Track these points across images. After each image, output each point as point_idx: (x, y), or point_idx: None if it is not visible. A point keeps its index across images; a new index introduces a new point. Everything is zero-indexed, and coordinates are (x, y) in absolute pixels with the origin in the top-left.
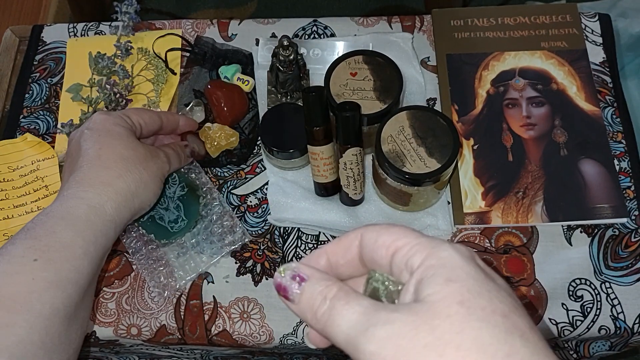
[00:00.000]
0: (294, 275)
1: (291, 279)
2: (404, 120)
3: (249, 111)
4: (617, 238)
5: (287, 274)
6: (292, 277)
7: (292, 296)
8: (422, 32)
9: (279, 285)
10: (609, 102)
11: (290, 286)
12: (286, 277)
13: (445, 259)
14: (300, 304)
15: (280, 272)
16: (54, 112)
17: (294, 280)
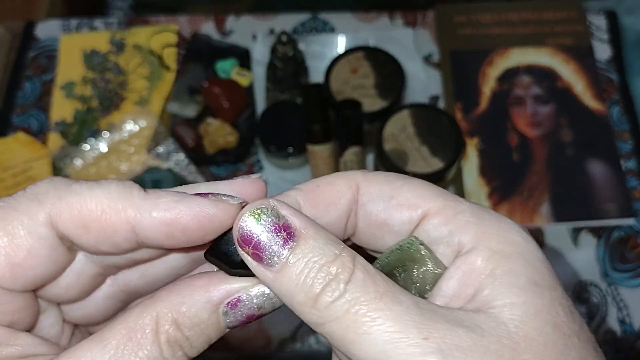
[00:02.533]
0: (277, 225)
1: (273, 232)
2: (406, 118)
3: (248, 106)
4: (623, 239)
5: (266, 220)
6: (275, 229)
7: (270, 260)
8: (425, 28)
9: (244, 237)
10: (615, 101)
11: (270, 244)
12: (264, 224)
13: (521, 246)
14: (283, 278)
15: (254, 215)
16: (47, 110)
17: (276, 235)
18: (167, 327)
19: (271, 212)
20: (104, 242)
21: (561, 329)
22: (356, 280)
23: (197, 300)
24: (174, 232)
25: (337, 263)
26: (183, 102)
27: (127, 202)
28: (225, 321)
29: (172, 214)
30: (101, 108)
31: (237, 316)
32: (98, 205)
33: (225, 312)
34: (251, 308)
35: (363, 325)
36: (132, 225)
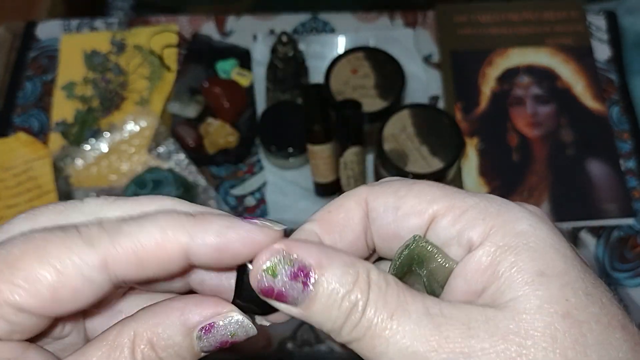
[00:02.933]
0: (292, 272)
1: (291, 280)
2: (407, 118)
3: (248, 106)
4: (623, 239)
5: (281, 272)
6: (292, 276)
7: (295, 302)
8: (425, 28)
9: (269, 292)
10: (615, 101)
11: (291, 292)
12: (280, 277)
13: (528, 236)
14: (310, 313)
15: (271, 272)
16: (47, 111)
17: (295, 282)
18: (143, 347)
19: (284, 261)
20: (158, 274)
21: (573, 316)
22: (371, 302)
23: (173, 322)
24: (224, 257)
25: (355, 291)
26: (183, 102)
27: (178, 230)
28: (198, 345)
29: (223, 240)
30: (102, 108)
31: (211, 341)
32: (151, 240)
33: (199, 337)
34: (225, 335)
35: (380, 346)
36: (185, 251)
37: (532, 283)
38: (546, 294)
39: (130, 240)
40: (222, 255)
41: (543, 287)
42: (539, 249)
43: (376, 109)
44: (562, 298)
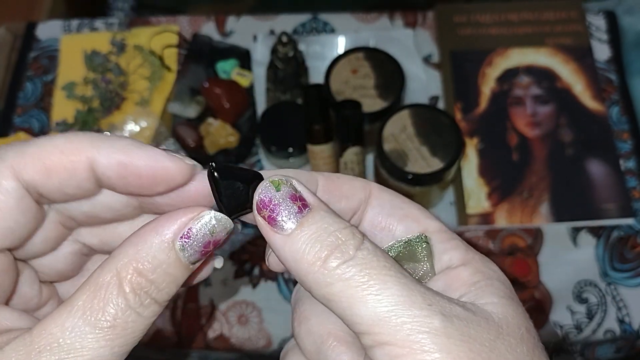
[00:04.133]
0: (293, 194)
1: (289, 199)
2: (406, 118)
3: (248, 107)
4: (623, 239)
5: (285, 189)
6: (292, 198)
7: (284, 224)
8: (425, 29)
9: (263, 202)
10: (614, 101)
11: (284, 210)
12: (283, 192)
13: (497, 273)
14: (293, 241)
15: (275, 183)
16: (48, 111)
17: (292, 202)
18: (129, 276)
19: (290, 185)
20: (67, 184)
21: (530, 331)
22: (366, 249)
23: (151, 243)
24: (128, 175)
25: (347, 231)
26: (184, 103)
27: (85, 142)
28: (184, 256)
29: (128, 157)
30: (102, 108)
31: (194, 247)
32: (57, 147)
33: (182, 247)
34: (205, 235)
35: (373, 287)
36: (91, 162)
37: (506, 299)
38: (517, 309)
39: (37, 148)
40: (126, 172)
41: (514, 305)
42: (505, 284)
43: (376, 109)
44: (524, 318)
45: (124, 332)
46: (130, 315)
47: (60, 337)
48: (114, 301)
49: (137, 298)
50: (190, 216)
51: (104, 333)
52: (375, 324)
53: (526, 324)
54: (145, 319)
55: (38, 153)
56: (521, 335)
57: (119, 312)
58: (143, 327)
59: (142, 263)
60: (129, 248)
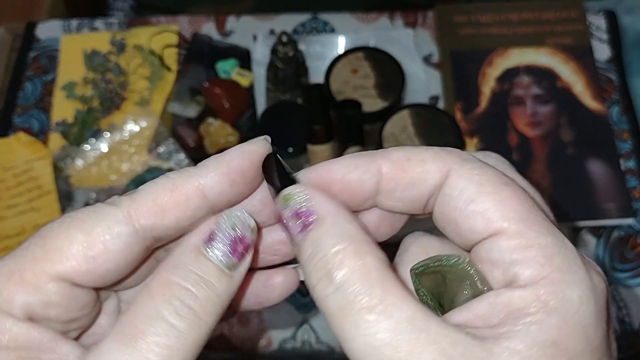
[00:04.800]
0: (298, 211)
1: (295, 216)
2: (407, 118)
3: (249, 107)
4: (623, 239)
5: (293, 204)
6: (297, 214)
7: (293, 239)
8: (425, 28)
9: (279, 217)
10: (614, 101)
11: (291, 227)
12: (290, 209)
13: (570, 305)
14: (300, 257)
15: (285, 199)
16: (47, 111)
17: (296, 220)
18: (160, 289)
19: (299, 197)
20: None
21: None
22: (350, 282)
23: (180, 251)
24: (234, 176)
25: (335, 259)
26: (184, 103)
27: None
28: (215, 258)
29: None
30: (102, 108)
31: (220, 247)
32: (167, 187)
33: (209, 248)
34: (227, 232)
35: (348, 331)
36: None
37: (539, 348)
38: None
39: (147, 192)
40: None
41: (546, 358)
42: (569, 323)
43: (376, 109)
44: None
45: (162, 349)
46: (165, 330)
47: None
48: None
49: (170, 307)
50: (210, 220)
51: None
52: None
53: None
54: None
55: (151, 196)
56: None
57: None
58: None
59: (170, 272)
60: (163, 263)
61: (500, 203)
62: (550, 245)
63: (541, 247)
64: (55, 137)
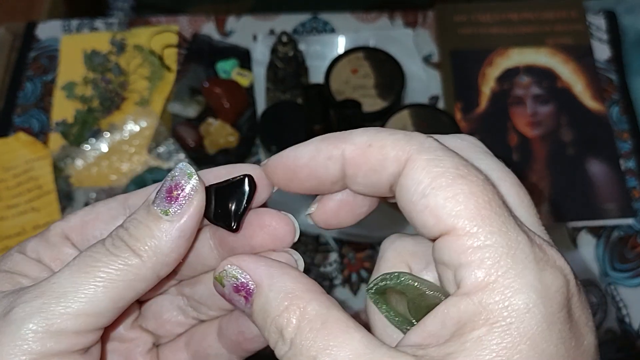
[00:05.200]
0: (236, 286)
1: (234, 292)
2: (406, 118)
3: (249, 106)
4: (623, 239)
5: (228, 282)
6: (235, 289)
7: (243, 311)
8: (425, 28)
9: (223, 296)
10: (614, 101)
11: (237, 301)
12: (227, 288)
13: (515, 314)
14: (256, 324)
15: (219, 280)
16: (48, 111)
17: (238, 293)
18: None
19: (230, 274)
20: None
21: None
22: (298, 337)
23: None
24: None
25: (281, 319)
26: (184, 103)
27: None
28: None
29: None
30: (102, 108)
31: (160, 196)
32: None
33: (154, 200)
34: (166, 183)
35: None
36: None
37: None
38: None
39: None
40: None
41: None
42: (515, 335)
43: (376, 109)
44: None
45: (109, 277)
46: (104, 257)
47: (55, 281)
48: (96, 248)
49: (110, 240)
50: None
51: (82, 276)
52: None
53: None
54: (122, 265)
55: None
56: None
57: (97, 254)
58: (123, 276)
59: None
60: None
61: (452, 199)
62: (500, 246)
63: (489, 249)
64: (55, 137)
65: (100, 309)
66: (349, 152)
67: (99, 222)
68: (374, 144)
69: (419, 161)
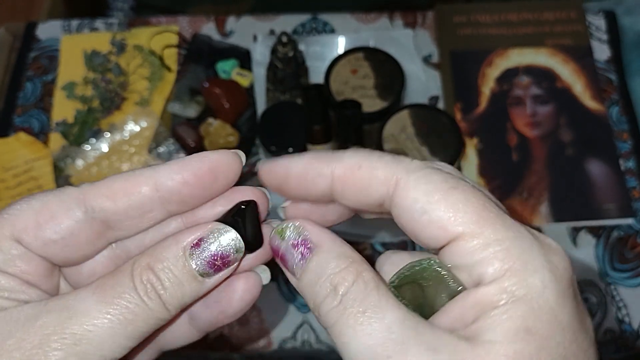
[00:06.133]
0: (296, 241)
1: (292, 247)
2: (406, 118)
3: (248, 107)
4: (622, 239)
5: (289, 236)
6: (294, 245)
7: (292, 269)
8: (424, 29)
9: (276, 251)
10: (614, 101)
11: (291, 256)
12: (287, 241)
13: (534, 291)
14: (302, 285)
15: (280, 233)
16: (48, 111)
17: (295, 249)
18: (140, 269)
19: (293, 229)
20: (132, 206)
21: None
22: (351, 292)
23: (168, 244)
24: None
25: (340, 276)
26: (184, 103)
27: (147, 169)
28: (191, 262)
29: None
30: (102, 108)
31: (202, 257)
32: (124, 176)
33: (191, 254)
34: (213, 248)
35: (345, 336)
36: (154, 180)
37: (514, 335)
38: (522, 348)
39: (107, 178)
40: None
41: (522, 343)
42: (536, 308)
43: (376, 109)
44: (535, 356)
45: (127, 312)
46: (134, 299)
47: (70, 301)
48: (123, 282)
49: (143, 286)
50: (207, 227)
51: (108, 306)
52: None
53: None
54: (150, 311)
55: (108, 181)
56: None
57: (125, 294)
58: (147, 320)
59: (153, 260)
60: (151, 248)
61: (452, 209)
62: (507, 239)
63: (498, 243)
64: (55, 137)
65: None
66: (339, 171)
67: (54, 223)
68: (363, 166)
69: (409, 181)
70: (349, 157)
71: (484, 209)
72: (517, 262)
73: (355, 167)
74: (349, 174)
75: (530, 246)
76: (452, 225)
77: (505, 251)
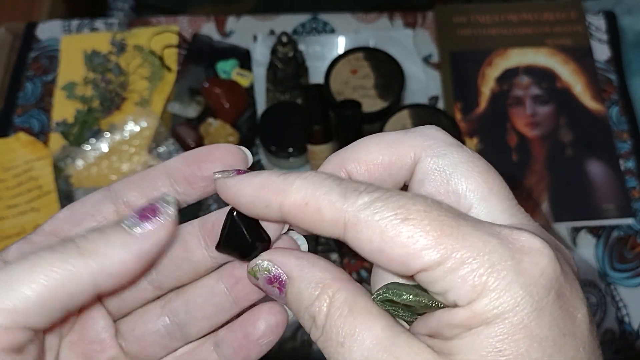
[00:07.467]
0: (269, 278)
1: (268, 283)
2: (406, 118)
3: (248, 107)
4: (622, 239)
5: (262, 275)
6: (269, 281)
7: (278, 300)
8: (424, 29)
9: (258, 288)
10: (614, 101)
11: (272, 291)
12: (262, 280)
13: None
14: (292, 311)
15: (253, 274)
16: (48, 111)
17: (271, 285)
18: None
19: (263, 269)
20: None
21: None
22: (328, 324)
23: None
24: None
25: (313, 308)
26: (184, 103)
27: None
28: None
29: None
30: (102, 108)
31: (132, 214)
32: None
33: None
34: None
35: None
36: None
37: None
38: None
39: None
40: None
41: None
42: (509, 327)
43: (376, 109)
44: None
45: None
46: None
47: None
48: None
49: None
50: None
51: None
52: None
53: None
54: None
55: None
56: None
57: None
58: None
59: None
60: None
61: (409, 242)
62: (472, 258)
63: (464, 265)
64: (55, 137)
65: (27, 306)
66: (286, 206)
67: (88, 215)
68: (310, 204)
69: (359, 222)
70: (297, 190)
71: (442, 229)
72: (488, 281)
73: (302, 203)
74: (297, 210)
75: (499, 259)
76: (413, 259)
77: (473, 272)
